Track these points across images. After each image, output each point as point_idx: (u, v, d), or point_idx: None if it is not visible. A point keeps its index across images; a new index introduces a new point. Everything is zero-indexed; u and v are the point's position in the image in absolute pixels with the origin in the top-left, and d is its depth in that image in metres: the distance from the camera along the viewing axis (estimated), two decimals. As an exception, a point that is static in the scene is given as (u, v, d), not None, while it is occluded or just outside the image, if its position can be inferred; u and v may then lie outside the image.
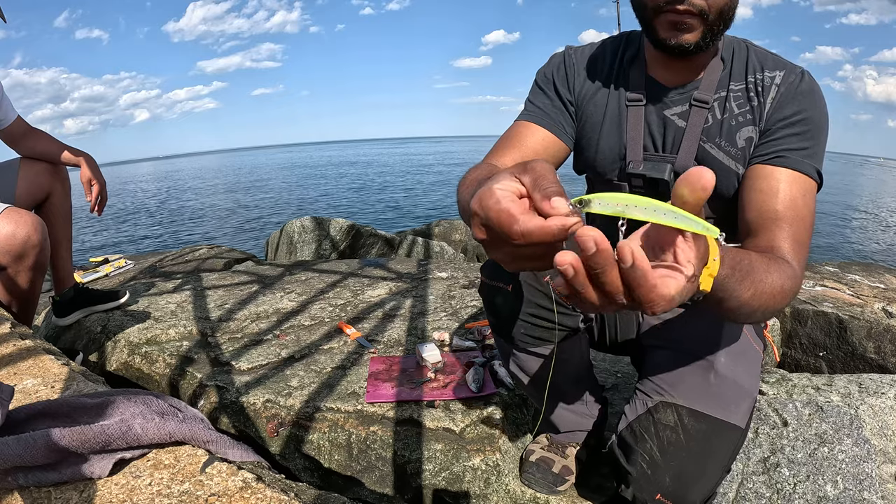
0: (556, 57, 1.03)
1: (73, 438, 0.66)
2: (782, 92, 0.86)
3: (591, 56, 1.00)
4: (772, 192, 0.81)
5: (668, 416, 0.89)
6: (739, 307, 0.62)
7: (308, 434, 1.23)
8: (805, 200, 0.81)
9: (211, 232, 12.42)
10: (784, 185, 0.81)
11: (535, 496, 1.10)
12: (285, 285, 2.27)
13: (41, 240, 1.38)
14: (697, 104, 0.90)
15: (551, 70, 1.01)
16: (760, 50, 0.91)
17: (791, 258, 0.75)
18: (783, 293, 0.67)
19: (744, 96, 0.89)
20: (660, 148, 0.94)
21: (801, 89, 0.86)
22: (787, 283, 0.68)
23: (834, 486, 1.01)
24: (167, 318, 1.87)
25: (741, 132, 0.89)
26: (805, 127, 0.84)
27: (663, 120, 0.93)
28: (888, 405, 1.12)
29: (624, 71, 0.97)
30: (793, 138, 0.84)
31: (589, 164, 1.02)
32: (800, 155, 0.83)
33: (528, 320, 0.96)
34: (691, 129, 0.91)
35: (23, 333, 1.14)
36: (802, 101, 0.85)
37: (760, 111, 0.87)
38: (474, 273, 2.35)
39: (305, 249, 4.37)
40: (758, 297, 0.63)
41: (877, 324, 1.76)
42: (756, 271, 0.63)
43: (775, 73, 0.88)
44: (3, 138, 1.63)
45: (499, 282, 0.97)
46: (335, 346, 1.63)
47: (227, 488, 0.66)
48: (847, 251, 10.33)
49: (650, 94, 0.94)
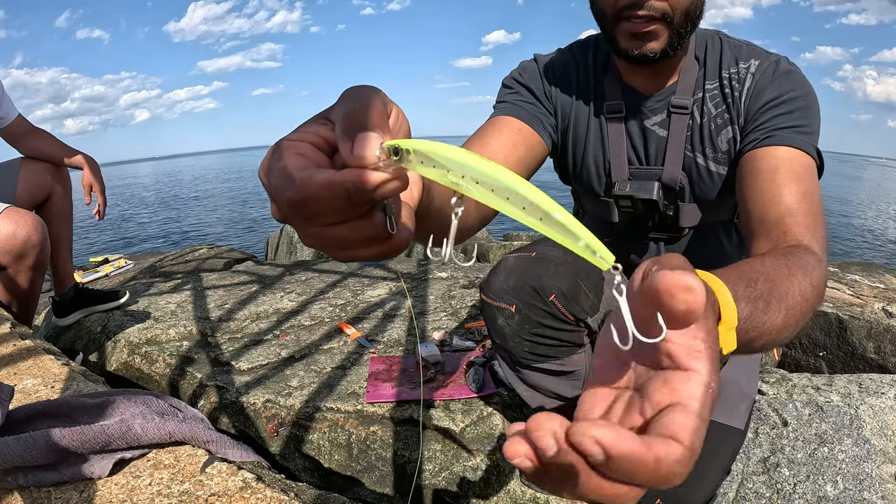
0: (525, 64, 0.97)
1: (73, 438, 0.66)
2: (757, 79, 0.81)
3: (563, 62, 0.94)
4: (771, 173, 0.73)
5: None
6: (777, 335, 0.48)
7: (308, 434, 1.23)
8: (809, 174, 0.73)
9: (211, 232, 12.42)
10: (782, 162, 0.74)
11: (535, 496, 1.10)
12: (285, 285, 2.27)
13: (41, 240, 1.38)
14: (676, 111, 0.87)
15: (524, 75, 0.95)
16: (734, 41, 0.87)
17: (808, 240, 0.66)
18: (814, 290, 0.57)
19: (719, 95, 0.85)
20: (643, 160, 0.92)
21: (779, 71, 0.81)
22: (815, 276, 0.59)
23: (834, 486, 1.00)
24: (167, 318, 1.87)
25: (721, 135, 0.86)
26: (792, 106, 0.78)
27: (643, 131, 0.91)
28: (888, 405, 1.12)
29: (599, 80, 0.93)
30: (780, 118, 0.77)
31: (575, 177, 1.00)
32: (791, 132, 0.76)
33: (532, 339, 0.93)
34: (674, 138, 0.88)
35: (23, 333, 1.14)
36: (783, 83, 0.80)
37: (737, 106, 0.83)
38: (474, 273, 2.35)
39: (305, 249, 4.37)
40: (792, 312, 0.50)
41: (877, 324, 1.76)
42: (779, 283, 0.51)
43: (750, 62, 0.83)
44: (3, 137, 1.63)
45: (501, 302, 0.91)
46: (335, 346, 1.63)
47: (227, 488, 0.66)
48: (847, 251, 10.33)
49: (628, 105, 0.90)
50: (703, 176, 0.89)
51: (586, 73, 0.94)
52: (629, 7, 0.74)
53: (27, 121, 1.64)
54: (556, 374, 1.01)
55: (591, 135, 0.94)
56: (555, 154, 0.99)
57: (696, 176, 0.89)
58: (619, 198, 0.93)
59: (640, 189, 0.90)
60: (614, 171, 0.93)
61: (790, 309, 0.50)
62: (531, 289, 0.88)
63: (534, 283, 0.88)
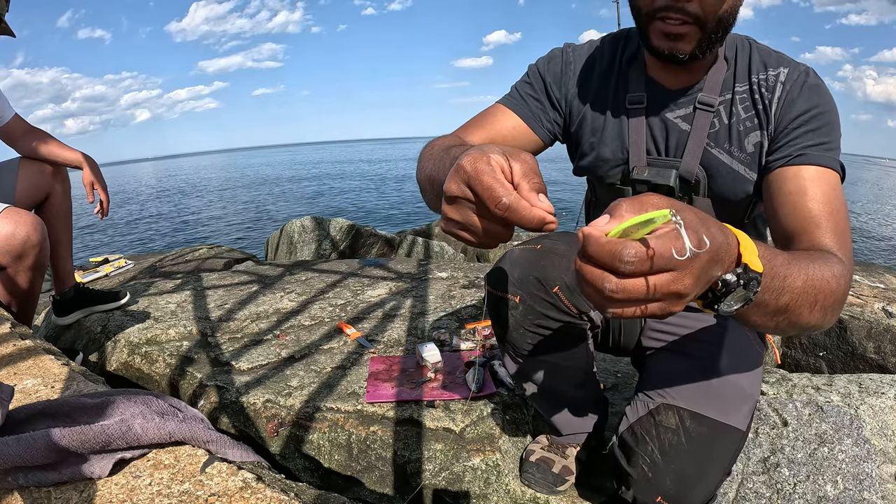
0: (554, 52, 1.01)
1: (73, 438, 0.66)
2: (788, 89, 0.84)
3: (590, 56, 0.98)
4: (801, 192, 0.78)
5: (670, 418, 0.89)
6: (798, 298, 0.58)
7: (308, 434, 1.23)
8: (836, 193, 0.79)
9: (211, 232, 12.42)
10: (812, 182, 0.79)
11: (535, 496, 1.10)
12: (285, 285, 2.27)
13: (41, 240, 1.38)
14: (702, 107, 0.89)
15: (547, 64, 1.00)
16: (763, 47, 0.90)
17: (836, 251, 0.72)
18: (835, 278, 0.64)
19: (749, 99, 0.87)
20: (663, 152, 0.93)
21: (808, 84, 0.84)
22: (836, 269, 0.65)
23: (834, 486, 1.01)
24: (167, 318, 1.87)
25: (749, 137, 0.87)
26: (820, 122, 0.82)
27: (665, 123, 0.92)
28: (888, 405, 1.12)
29: (623, 72, 0.95)
30: (810, 135, 0.82)
31: (590, 168, 1.01)
32: (820, 150, 0.81)
33: (534, 331, 0.94)
34: (696, 133, 0.89)
35: (23, 333, 1.14)
36: (812, 96, 0.83)
37: (767, 113, 0.86)
38: (474, 273, 2.35)
39: (305, 249, 4.37)
40: (812, 284, 0.59)
41: (877, 324, 1.76)
42: (800, 258, 0.60)
43: (779, 69, 0.86)
44: (1, 137, 1.63)
45: (505, 293, 0.94)
46: (335, 346, 1.63)
47: (227, 488, 0.66)
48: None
49: (651, 97, 0.92)
50: (724, 173, 0.89)
51: (611, 66, 0.96)
52: (664, 8, 0.76)
53: (24, 120, 1.64)
54: (558, 366, 1.01)
55: (610, 124, 0.96)
56: (568, 144, 1.04)
57: (716, 172, 0.90)
58: (637, 182, 0.94)
59: (657, 175, 0.91)
60: (632, 160, 0.94)
61: (810, 279, 0.59)
62: (535, 280, 0.89)
63: (538, 275, 0.89)
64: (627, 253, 0.41)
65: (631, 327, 1.09)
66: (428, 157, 0.75)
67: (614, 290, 0.42)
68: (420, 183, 0.77)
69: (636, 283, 0.42)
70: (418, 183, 0.78)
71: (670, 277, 0.42)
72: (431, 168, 0.71)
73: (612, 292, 0.42)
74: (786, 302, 0.57)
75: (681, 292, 0.43)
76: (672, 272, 0.42)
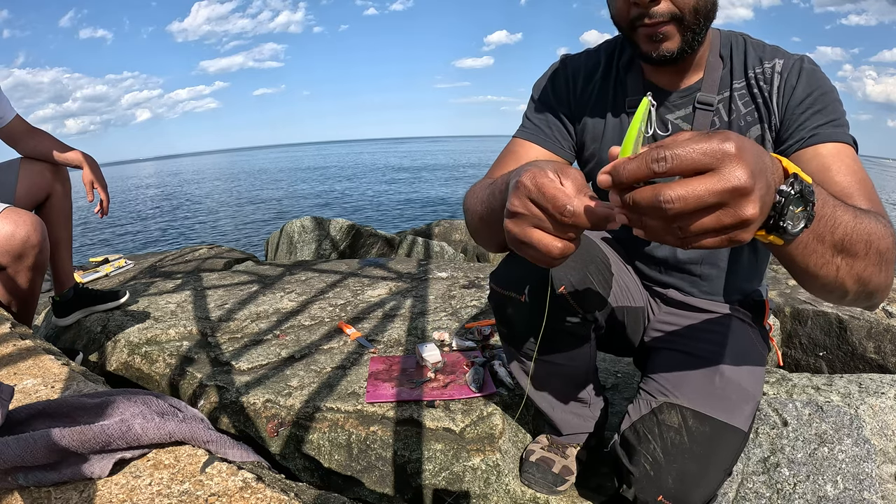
0: (552, 69, 1.04)
1: (73, 438, 0.66)
2: (786, 78, 0.86)
3: (588, 65, 1.00)
4: (825, 169, 0.79)
5: (672, 417, 0.89)
6: (852, 234, 0.58)
7: (308, 434, 1.23)
8: (858, 165, 0.80)
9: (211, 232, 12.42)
10: (832, 158, 0.80)
11: (535, 496, 1.10)
12: (285, 285, 2.27)
13: (40, 240, 1.38)
14: (701, 107, 0.90)
15: (547, 83, 1.02)
16: (758, 42, 0.91)
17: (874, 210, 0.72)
18: (885, 229, 0.64)
19: (748, 94, 0.89)
20: None
21: (805, 70, 0.85)
22: (883, 222, 0.65)
23: (834, 486, 1.00)
24: (167, 318, 1.87)
25: (750, 132, 0.89)
26: (824, 102, 0.83)
27: (666, 124, 0.93)
28: (888, 405, 1.12)
29: (621, 78, 0.96)
30: (817, 115, 0.83)
31: (595, 174, 1.01)
32: (830, 127, 0.82)
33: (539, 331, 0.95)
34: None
35: (23, 333, 1.14)
36: (811, 80, 0.85)
37: (768, 106, 0.87)
38: (474, 273, 2.35)
39: (305, 249, 4.37)
40: (862, 224, 0.59)
41: (877, 324, 1.76)
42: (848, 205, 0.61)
43: (774, 61, 0.88)
44: (2, 137, 1.63)
45: (512, 291, 0.93)
46: (335, 346, 1.63)
47: (227, 488, 0.66)
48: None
49: None
50: None
51: (608, 72, 0.98)
52: (638, 17, 0.79)
53: (25, 121, 1.64)
54: (561, 367, 1.01)
55: (610, 129, 0.97)
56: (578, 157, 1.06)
57: None
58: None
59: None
60: None
61: (858, 217, 0.59)
62: (541, 280, 0.89)
63: (544, 275, 0.89)
64: (654, 151, 0.43)
65: (634, 326, 1.09)
66: (476, 201, 0.79)
67: (671, 198, 0.42)
68: (472, 227, 0.82)
69: (688, 185, 0.42)
70: (469, 229, 0.83)
71: (717, 176, 0.41)
72: (482, 208, 0.75)
73: (670, 203, 0.42)
74: (841, 236, 0.57)
75: (738, 187, 0.41)
76: (715, 172, 0.42)
